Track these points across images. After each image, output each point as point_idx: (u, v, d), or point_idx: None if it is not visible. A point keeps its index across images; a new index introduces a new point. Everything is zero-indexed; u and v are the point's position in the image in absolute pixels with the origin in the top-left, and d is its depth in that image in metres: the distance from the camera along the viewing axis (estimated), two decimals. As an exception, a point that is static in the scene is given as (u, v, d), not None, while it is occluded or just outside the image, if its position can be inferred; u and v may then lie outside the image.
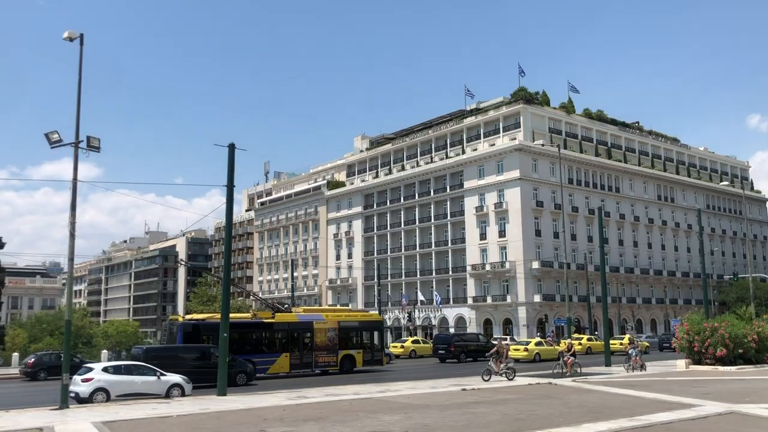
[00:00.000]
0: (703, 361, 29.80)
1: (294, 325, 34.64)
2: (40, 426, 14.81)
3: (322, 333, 34.97)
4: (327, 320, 35.75)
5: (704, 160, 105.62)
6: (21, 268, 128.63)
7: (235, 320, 32.62)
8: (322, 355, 34.64)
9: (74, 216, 20.57)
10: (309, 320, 35.25)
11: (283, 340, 34.25)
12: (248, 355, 31.60)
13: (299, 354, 34.07)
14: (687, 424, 13.49)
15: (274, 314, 34.93)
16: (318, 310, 39.27)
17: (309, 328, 34.81)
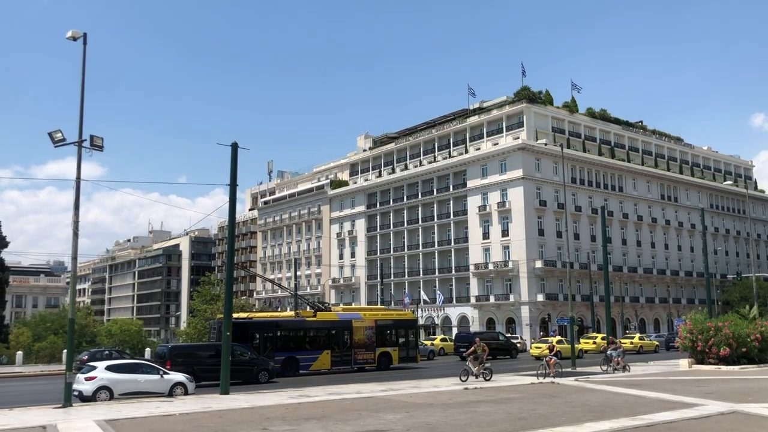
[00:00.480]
0: (706, 361, 29.79)
1: (334, 324, 36.07)
2: (43, 424, 14.86)
3: (361, 331, 36.33)
4: (365, 319, 37.05)
5: (708, 159, 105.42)
6: (25, 267, 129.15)
7: (280, 319, 35.94)
8: (361, 352, 35.82)
9: (78, 215, 20.64)
10: (348, 319, 36.64)
11: (324, 338, 35.50)
12: (292, 352, 33.52)
13: (340, 351, 35.39)
14: (689, 424, 13.48)
15: (315, 313, 36.39)
16: (356, 309, 41.11)
17: (348, 327, 36.16)
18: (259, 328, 33.77)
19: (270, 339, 33.80)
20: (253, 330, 33.61)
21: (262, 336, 33.38)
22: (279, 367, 32.39)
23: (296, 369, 33.35)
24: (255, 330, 33.67)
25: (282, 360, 33.15)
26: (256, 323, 34.42)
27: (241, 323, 33.02)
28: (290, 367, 33.27)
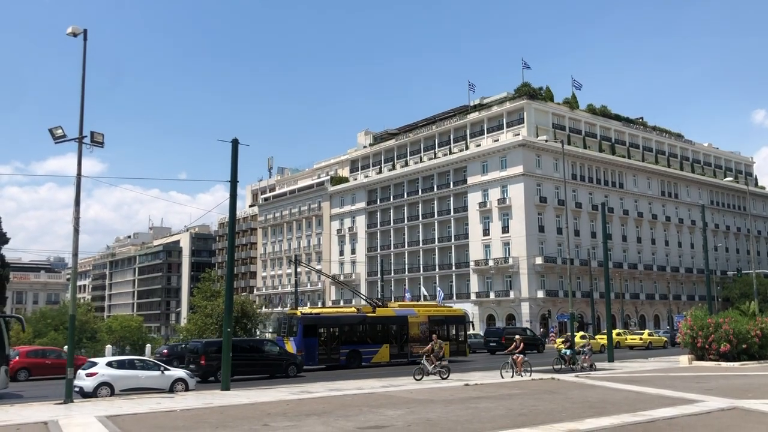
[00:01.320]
0: (706, 357, 29.82)
1: (392, 319, 38.02)
2: (44, 420, 14.88)
3: (416, 326, 38.19)
4: (419, 315, 39.01)
5: (708, 155, 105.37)
6: (26, 264, 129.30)
7: (343, 314, 38.17)
8: (416, 346, 36.82)
9: (78, 211, 20.63)
10: (404, 315, 38.60)
11: (383, 332, 37.55)
12: (355, 346, 35.70)
13: (397, 345, 37.44)
14: (689, 420, 13.50)
15: (374, 309, 38.13)
16: (410, 306, 43.03)
17: (404, 322, 38.06)
18: (325, 323, 35.79)
19: (335, 333, 35.72)
20: (321, 325, 35.45)
21: (328, 330, 35.35)
22: (344, 360, 34.99)
23: (359, 361, 35.35)
24: (322, 325, 35.51)
25: (346, 353, 35.33)
26: (324, 318, 36.50)
27: (310, 318, 35.57)
28: (354, 359, 35.32)
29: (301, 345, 34.02)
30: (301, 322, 34.80)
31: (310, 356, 34.10)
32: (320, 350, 34.64)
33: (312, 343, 34.28)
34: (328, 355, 34.90)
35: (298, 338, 34.23)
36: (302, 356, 33.21)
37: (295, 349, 33.86)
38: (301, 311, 38.31)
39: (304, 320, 35.07)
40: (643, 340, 54.70)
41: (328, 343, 35.05)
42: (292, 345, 34.37)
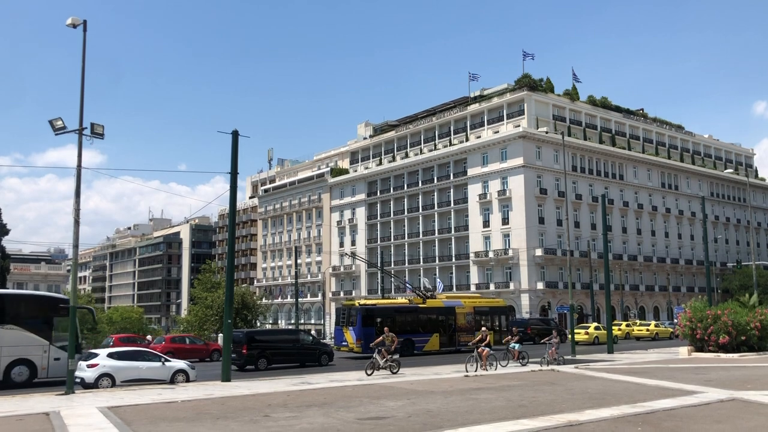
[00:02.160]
0: (705, 349, 29.89)
1: (441, 310, 40.01)
2: (46, 411, 14.92)
3: (462, 316, 40.31)
4: (465, 306, 41.15)
5: (708, 147, 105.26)
6: (26, 255, 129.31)
7: (397, 305, 40.28)
8: (463, 335, 39.38)
9: (78, 203, 20.64)
10: (452, 305, 40.68)
11: (433, 322, 39.40)
12: (408, 335, 37.17)
13: (446, 334, 39.43)
14: (689, 411, 13.54)
15: (424, 300, 40.01)
16: (457, 297, 44.85)
17: (452, 312, 40.13)
18: (382, 313, 37.75)
19: (390, 322, 36.51)
20: (377, 315, 37.46)
21: (384, 320, 36.81)
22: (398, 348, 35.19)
23: (412, 349, 37.12)
24: (379, 315, 37.49)
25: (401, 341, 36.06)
26: (381, 308, 38.57)
27: (368, 309, 37.69)
28: (407, 347, 36.57)
29: (360, 334, 35.92)
30: (360, 313, 36.75)
31: (368, 344, 34.97)
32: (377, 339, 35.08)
33: (370, 333, 35.57)
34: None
35: (357, 328, 36.23)
36: (361, 344, 35.53)
37: (354, 338, 36.27)
38: (359, 302, 40.07)
39: (362, 311, 36.98)
40: (650, 331, 55.71)
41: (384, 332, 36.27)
42: (351, 334, 36.64)
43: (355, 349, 36.24)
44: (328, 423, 12.57)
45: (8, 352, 22.98)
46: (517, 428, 11.49)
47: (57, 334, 24.34)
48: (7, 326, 23.38)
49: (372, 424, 12.39)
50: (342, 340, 37.50)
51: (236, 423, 12.84)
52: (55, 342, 24.08)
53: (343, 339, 37.41)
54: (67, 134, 20.81)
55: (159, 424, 12.81)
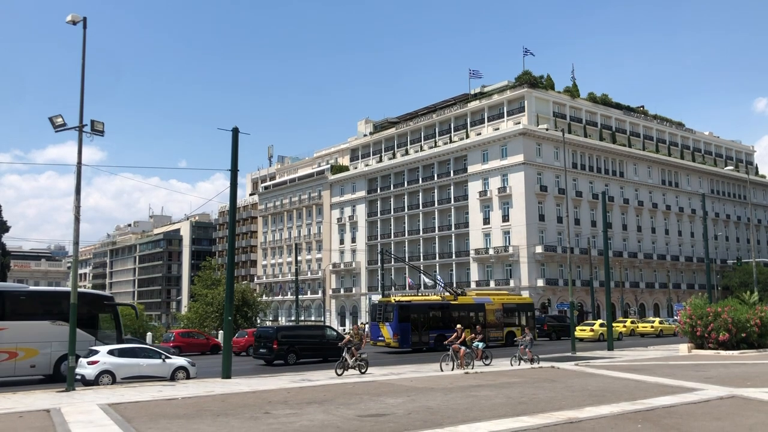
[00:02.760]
0: (705, 346, 29.87)
1: (471, 307, 41.41)
2: (47, 408, 14.94)
3: (492, 313, 41.72)
4: (494, 302, 42.49)
5: (709, 144, 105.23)
6: (26, 252, 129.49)
7: (431, 302, 41.52)
8: (493, 331, 40.99)
9: (79, 200, 20.63)
10: (482, 302, 42.01)
11: (464, 318, 40.01)
12: (441, 330, 37.87)
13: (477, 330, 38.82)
14: (689, 408, 13.55)
15: (456, 297, 41.45)
16: (486, 294, 46.22)
17: (482, 309, 41.50)
18: (416, 310, 39.16)
19: (425, 318, 39.07)
20: (413, 311, 38.84)
21: (419, 316, 38.77)
22: (432, 343, 38.03)
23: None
24: (414, 311, 38.86)
25: (434, 336, 38.20)
26: (415, 305, 39.90)
27: (404, 305, 38.98)
28: (440, 342, 37.06)
29: (397, 329, 37.43)
30: (396, 309, 38.01)
31: (404, 339, 37.58)
32: (413, 334, 37.94)
33: (406, 328, 37.59)
34: (419, 338, 38.28)
35: (394, 323, 37.59)
36: (398, 339, 37.13)
37: (391, 334, 37.58)
38: (395, 299, 41.27)
39: (399, 307, 38.26)
40: (654, 327, 56.04)
41: (419, 327, 38.41)
42: (388, 330, 37.92)
43: (392, 344, 37.67)
44: (328, 420, 12.58)
45: (58, 347, 23.53)
46: (517, 425, 11.50)
47: (101, 330, 25.49)
48: (57, 322, 24.08)
49: (372, 421, 12.40)
50: (378, 336, 38.87)
51: (237, 420, 12.86)
52: (100, 337, 25.03)
53: (380, 334, 38.74)
54: (67, 131, 20.81)
55: (159, 421, 12.83)
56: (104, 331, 25.55)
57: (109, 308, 26.40)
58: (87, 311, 24.98)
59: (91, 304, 26.01)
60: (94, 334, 24.92)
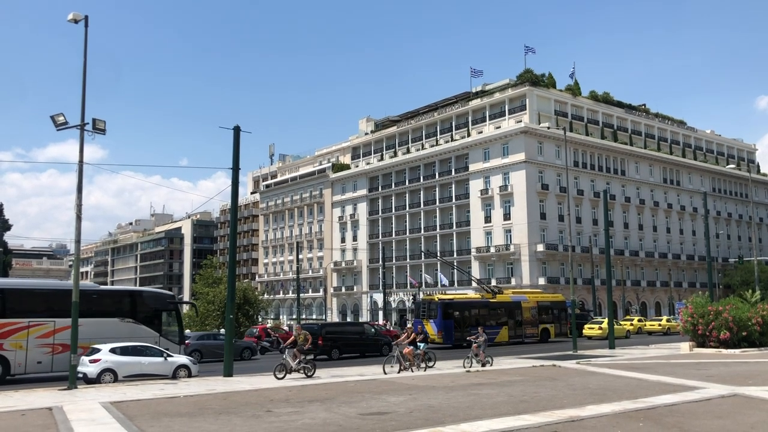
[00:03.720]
0: (707, 344, 29.87)
1: (509, 304, 43.14)
2: (49, 406, 14.97)
3: (528, 311, 43.44)
4: (530, 300, 44.22)
5: (711, 143, 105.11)
6: (28, 250, 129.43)
7: (472, 300, 43.47)
8: (528, 328, 43.01)
9: (80, 198, 20.65)
10: (518, 300, 43.66)
11: (502, 315, 42.52)
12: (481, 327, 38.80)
13: (514, 327, 42.69)
14: (690, 407, 13.56)
15: (494, 295, 43.11)
16: (522, 292, 47.65)
17: (519, 307, 43.27)
18: (458, 307, 40.99)
19: (465, 315, 40.86)
20: (454, 308, 40.64)
21: (461, 313, 40.61)
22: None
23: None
24: (455, 308, 40.71)
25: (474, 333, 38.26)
26: (457, 303, 41.81)
27: (448, 303, 40.85)
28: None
29: (441, 326, 39.17)
30: (440, 306, 39.82)
31: (448, 335, 39.22)
32: (455, 331, 39.33)
33: (449, 325, 39.31)
34: (462, 334, 38.51)
35: (438, 320, 39.31)
36: (442, 335, 38.85)
37: (435, 330, 39.23)
38: (438, 297, 43.03)
39: (442, 304, 40.05)
40: (662, 326, 56.56)
41: (461, 324, 39.79)
42: (432, 326, 39.47)
43: (437, 340, 39.02)
44: (330, 418, 12.60)
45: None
46: (518, 423, 11.51)
47: (165, 327, 26.87)
48: (125, 320, 25.66)
49: (374, 419, 12.42)
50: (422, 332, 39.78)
51: (238, 418, 12.88)
52: (164, 334, 26.48)
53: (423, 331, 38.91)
54: (69, 129, 20.82)
55: (161, 419, 12.85)
56: (167, 327, 26.92)
57: (172, 306, 28.03)
58: (152, 309, 26.79)
59: (156, 301, 27.60)
60: (159, 330, 26.32)
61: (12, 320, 23.33)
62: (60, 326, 23.67)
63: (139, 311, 26.43)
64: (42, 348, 23.55)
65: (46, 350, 23.63)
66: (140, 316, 26.20)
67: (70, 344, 20.24)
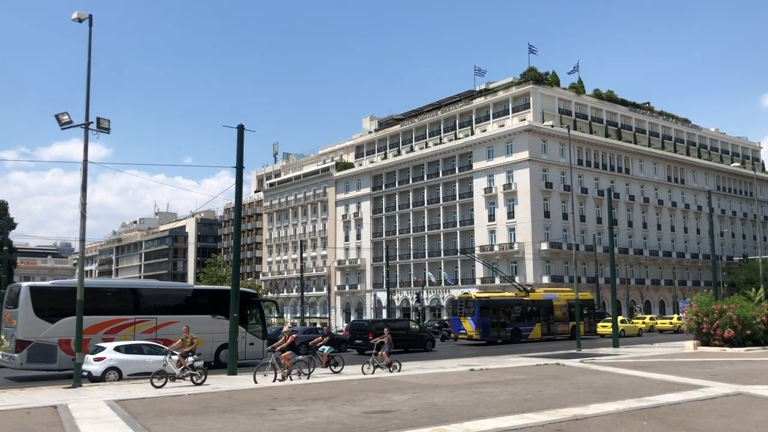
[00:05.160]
0: (711, 343, 29.83)
1: (541, 302, 44.45)
2: (54, 404, 15.03)
3: (559, 308, 44.62)
4: (560, 299, 45.34)
5: (715, 141, 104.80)
6: (33, 249, 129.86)
7: (507, 298, 44.76)
8: (560, 325, 44.33)
9: (85, 197, 20.71)
10: (550, 298, 44.98)
11: (535, 313, 43.87)
12: (516, 324, 42.45)
13: (546, 324, 44.01)
14: (694, 405, 13.55)
15: (527, 294, 44.48)
16: (552, 291, 48.60)
17: (550, 305, 44.57)
18: (494, 305, 42.40)
19: (501, 313, 42.36)
20: (492, 306, 42.02)
21: (496, 310, 42.02)
22: (509, 335, 41.73)
23: (520, 337, 42.04)
24: (493, 306, 42.07)
25: (511, 329, 42.05)
26: (494, 301, 43.21)
27: (485, 300, 42.32)
28: (516, 335, 42.00)
29: (479, 323, 40.59)
30: (477, 304, 41.22)
31: (485, 332, 40.72)
32: (492, 328, 41.06)
33: (486, 322, 40.82)
34: (498, 331, 41.46)
35: (476, 317, 40.64)
36: (479, 332, 40.29)
37: (473, 327, 40.66)
38: (475, 295, 44.83)
39: (480, 302, 41.55)
40: (672, 324, 56.83)
41: (498, 321, 41.60)
42: (470, 323, 41.01)
43: (474, 336, 40.69)
44: (334, 416, 12.62)
45: (218, 338, 26.93)
46: (522, 422, 11.51)
47: (251, 323, 28.77)
48: (217, 316, 27.41)
49: (377, 417, 12.43)
50: (459, 329, 42.01)
51: (243, 416, 12.91)
52: (249, 329, 28.44)
53: (461, 327, 41.83)
54: (73, 128, 20.87)
55: (166, 418, 12.89)
56: (252, 323, 28.84)
57: (256, 304, 30.00)
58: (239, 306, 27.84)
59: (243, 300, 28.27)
60: (245, 326, 27.96)
61: (121, 317, 25.29)
62: (161, 322, 26.08)
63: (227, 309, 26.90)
64: None
65: None
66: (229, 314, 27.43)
67: (75, 342, 20.33)
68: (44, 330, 23.59)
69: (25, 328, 23.42)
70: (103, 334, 24.57)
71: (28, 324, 23.51)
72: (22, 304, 23.73)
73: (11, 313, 24.26)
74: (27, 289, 24.31)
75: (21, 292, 24.05)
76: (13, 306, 24.24)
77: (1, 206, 63.89)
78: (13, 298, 24.52)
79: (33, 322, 23.57)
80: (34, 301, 23.89)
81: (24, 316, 23.59)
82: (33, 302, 23.85)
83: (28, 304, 23.77)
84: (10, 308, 24.59)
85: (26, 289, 24.19)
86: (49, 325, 23.74)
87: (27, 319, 23.56)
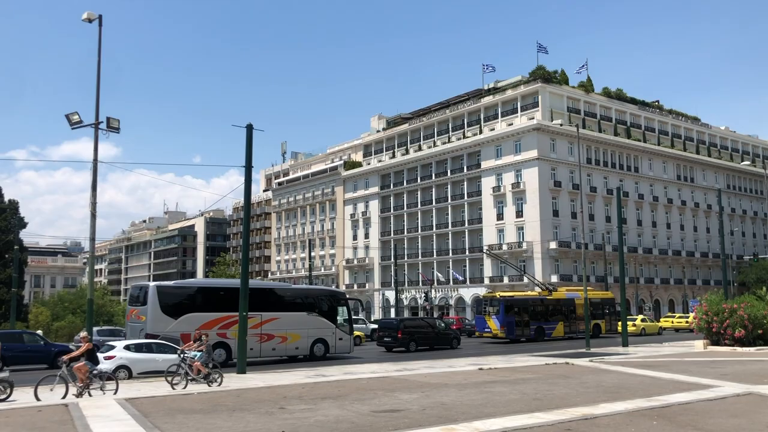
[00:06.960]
0: (721, 342, 29.67)
1: (564, 301, 45.12)
2: (65, 402, 15.12)
3: (580, 307, 43.51)
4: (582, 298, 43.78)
5: (725, 139, 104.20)
6: (43, 248, 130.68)
7: (531, 297, 45.34)
8: (582, 323, 43.20)
9: (95, 196, 20.85)
10: (572, 297, 45.56)
11: (558, 312, 44.62)
12: (540, 322, 43.13)
13: (568, 323, 44.77)
14: (704, 405, 13.49)
15: (550, 293, 45.34)
16: (574, 290, 48.85)
17: (572, 303, 45.13)
18: (518, 304, 42.94)
19: (525, 311, 42.97)
20: (516, 305, 42.58)
21: (520, 309, 42.57)
22: (533, 334, 42.35)
23: (543, 335, 42.71)
24: (516, 305, 42.60)
25: (534, 328, 42.64)
26: (518, 299, 43.73)
27: (509, 299, 42.90)
28: (539, 333, 42.67)
29: (504, 321, 41.20)
30: (502, 303, 41.78)
31: (510, 330, 41.31)
32: (516, 326, 41.59)
33: (511, 320, 41.43)
34: (522, 329, 42.00)
35: (501, 316, 41.33)
36: (504, 330, 40.96)
37: (498, 325, 41.43)
38: (499, 294, 45.40)
39: (505, 301, 42.06)
40: (689, 323, 56.56)
41: (522, 320, 42.19)
42: (494, 322, 41.73)
43: (499, 335, 41.40)
44: (343, 415, 12.64)
45: (313, 333, 29.74)
46: (531, 422, 11.50)
47: (340, 320, 31.08)
48: (312, 314, 30.08)
49: (386, 416, 12.44)
50: (484, 327, 42.76)
51: (252, 415, 12.94)
52: (338, 325, 30.88)
53: (485, 326, 42.59)
54: (83, 127, 20.99)
55: (176, 416, 12.94)
56: (341, 320, 31.18)
57: (344, 302, 32.33)
58: (329, 305, 31.10)
59: (332, 299, 31.85)
60: (334, 322, 30.64)
61: (233, 313, 25.77)
62: (265, 319, 28.12)
63: (320, 307, 30.66)
64: (253, 337, 26.54)
65: (256, 339, 27.31)
66: (321, 311, 30.53)
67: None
68: (169, 325, 25.83)
69: (154, 324, 25.62)
70: (218, 329, 26.64)
71: (156, 320, 25.72)
72: (150, 301, 25.83)
73: (139, 309, 26.37)
74: (155, 288, 26.45)
75: (149, 291, 26.16)
76: (141, 303, 26.38)
77: (12, 205, 64.20)
78: (140, 296, 26.72)
79: (160, 318, 25.81)
80: (161, 299, 26.08)
81: (153, 312, 25.76)
82: (160, 300, 26.03)
83: (156, 301, 25.92)
84: (137, 305, 26.71)
85: (154, 288, 26.35)
86: (172, 320, 26.00)
87: (155, 315, 25.78)
